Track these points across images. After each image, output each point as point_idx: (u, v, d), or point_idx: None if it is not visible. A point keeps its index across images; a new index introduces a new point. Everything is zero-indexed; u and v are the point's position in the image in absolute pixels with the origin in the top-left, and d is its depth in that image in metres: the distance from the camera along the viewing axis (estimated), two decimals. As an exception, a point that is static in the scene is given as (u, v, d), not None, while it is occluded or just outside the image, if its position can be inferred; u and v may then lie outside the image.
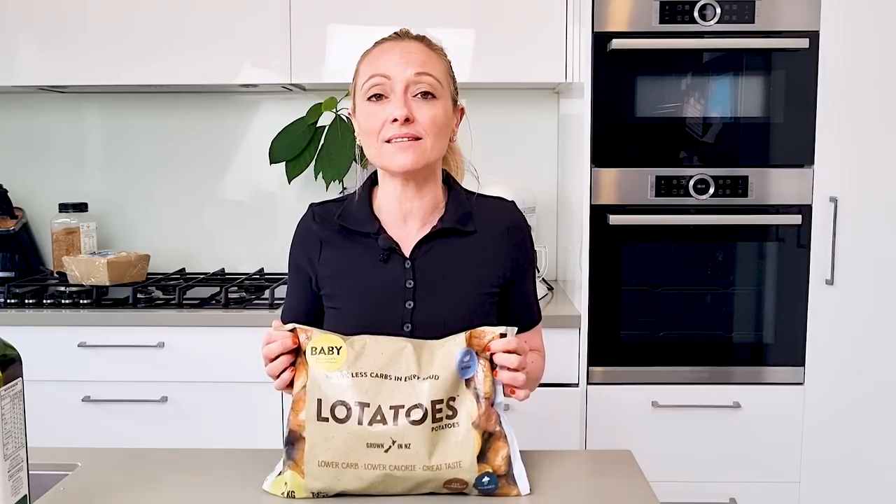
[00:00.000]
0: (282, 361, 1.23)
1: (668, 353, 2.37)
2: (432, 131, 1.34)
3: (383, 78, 1.34)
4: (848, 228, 2.31)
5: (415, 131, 1.33)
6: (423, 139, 1.34)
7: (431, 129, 1.34)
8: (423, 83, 1.34)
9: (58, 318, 2.39)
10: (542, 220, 2.81)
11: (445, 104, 1.37)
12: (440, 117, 1.35)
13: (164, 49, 2.53)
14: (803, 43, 2.26)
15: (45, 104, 2.93)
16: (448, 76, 1.40)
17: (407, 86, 1.34)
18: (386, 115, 1.33)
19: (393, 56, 1.35)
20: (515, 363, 1.22)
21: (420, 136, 1.33)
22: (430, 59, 1.37)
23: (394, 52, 1.36)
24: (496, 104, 2.86)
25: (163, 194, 2.94)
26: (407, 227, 1.42)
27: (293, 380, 1.24)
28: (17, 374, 1.10)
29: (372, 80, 1.35)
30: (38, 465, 1.27)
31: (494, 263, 1.43)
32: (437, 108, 1.35)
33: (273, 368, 1.24)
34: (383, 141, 1.34)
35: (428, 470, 1.19)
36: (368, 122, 1.35)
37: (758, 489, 2.36)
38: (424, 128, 1.34)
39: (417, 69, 1.34)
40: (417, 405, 1.19)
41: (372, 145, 1.37)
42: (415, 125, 1.33)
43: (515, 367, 1.22)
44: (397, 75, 1.34)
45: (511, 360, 1.22)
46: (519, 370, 1.22)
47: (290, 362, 1.24)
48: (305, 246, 1.45)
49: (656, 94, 2.33)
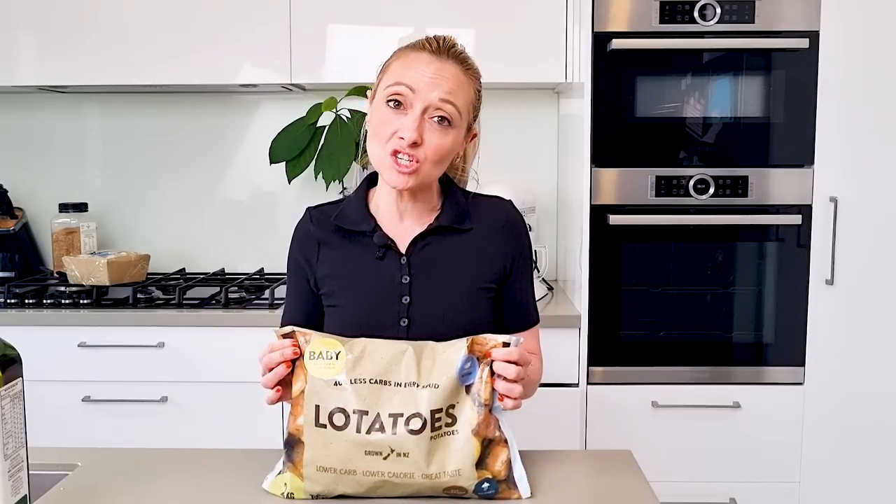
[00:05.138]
0: (278, 372, 1.23)
1: (668, 353, 2.37)
2: (433, 159, 1.34)
3: (408, 89, 1.33)
4: (848, 228, 2.30)
5: (418, 154, 1.33)
6: (423, 164, 1.34)
7: (433, 157, 1.34)
8: (444, 111, 1.34)
9: (58, 318, 2.39)
10: (542, 220, 2.81)
11: (457, 133, 1.37)
12: (446, 147, 1.35)
13: (165, 49, 2.53)
14: (803, 43, 2.26)
15: (45, 104, 2.93)
16: (471, 105, 1.39)
17: (427, 107, 1.33)
18: (397, 127, 1.33)
19: (426, 72, 1.34)
20: (514, 374, 1.21)
21: (420, 161, 1.33)
22: (459, 88, 1.36)
23: (429, 68, 1.34)
24: (496, 104, 2.83)
25: (163, 194, 2.94)
26: (403, 225, 1.43)
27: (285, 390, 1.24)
28: (17, 374, 1.10)
29: (397, 87, 1.34)
30: (38, 465, 1.27)
31: (491, 259, 1.43)
32: (448, 138, 1.35)
33: (269, 380, 1.24)
34: (388, 152, 1.34)
35: (427, 478, 1.18)
36: (380, 125, 1.35)
37: (758, 489, 2.36)
38: (427, 154, 1.33)
39: (443, 95, 1.33)
40: (416, 414, 1.18)
41: (377, 149, 1.36)
42: (420, 149, 1.33)
43: (513, 378, 1.21)
44: (422, 93, 1.33)
45: (509, 370, 1.21)
46: (516, 381, 1.21)
47: (287, 372, 1.23)
48: (303, 247, 1.46)
49: (656, 94, 2.33)
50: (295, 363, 1.23)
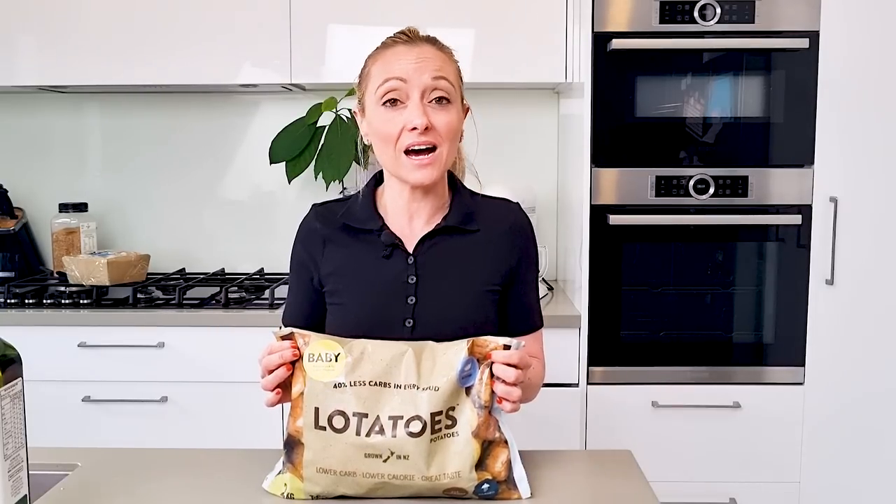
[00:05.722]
0: (278, 375, 1.22)
1: (668, 353, 2.37)
2: (448, 138, 1.34)
3: (400, 82, 1.33)
4: (848, 228, 2.30)
5: (433, 139, 1.33)
6: (440, 147, 1.34)
7: (447, 136, 1.34)
8: (440, 88, 1.34)
9: (58, 318, 2.39)
10: (543, 220, 2.81)
11: (458, 108, 1.38)
12: (454, 123, 1.35)
13: (165, 49, 2.53)
14: (803, 43, 2.26)
15: (45, 104, 2.93)
16: (458, 78, 1.40)
17: (424, 91, 1.33)
18: (404, 121, 1.32)
19: (409, 60, 1.34)
20: (513, 378, 1.20)
21: (437, 143, 1.33)
22: (444, 64, 1.36)
23: (409, 55, 1.34)
24: (496, 104, 2.86)
25: (163, 194, 2.94)
26: (410, 224, 1.42)
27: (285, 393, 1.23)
28: (17, 374, 1.10)
29: (388, 83, 1.34)
30: (38, 465, 1.27)
31: (497, 261, 1.43)
32: (452, 114, 1.35)
33: (268, 382, 1.23)
34: (401, 151, 1.33)
35: (427, 480, 1.18)
36: (385, 127, 1.34)
37: (758, 489, 2.36)
38: (441, 135, 1.34)
39: (434, 73, 1.33)
40: (416, 417, 1.17)
41: (388, 153, 1.36)
42: (433, 133, 1.33)
43: (512, 382, 1.20)
44: (414, 80, 1.33)
45: (509, 373, 1.20)
46: (516, 384, 1.21)
47: (287, 375, 1.22)
48: (308, 244, 1.45)
49: (656, 94, 2.32)
50: (294, 365, 1.23)
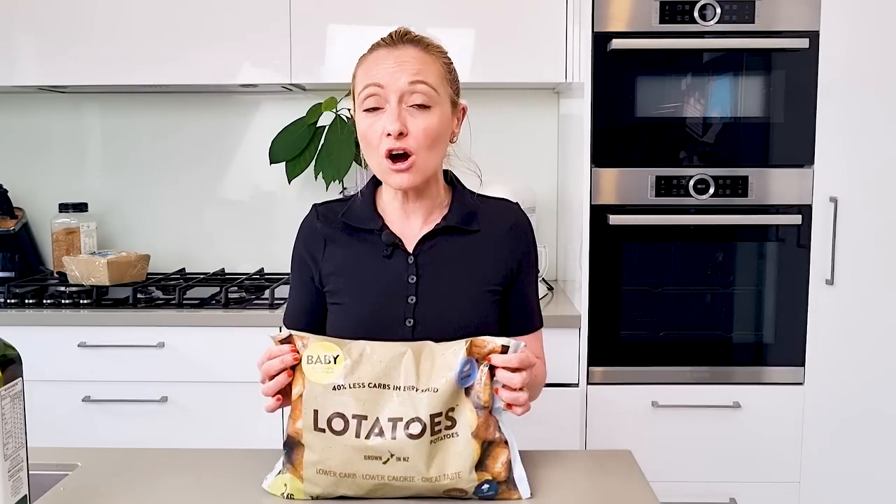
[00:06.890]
0: (279, 381, 1.22)
1: (668, 353, 2.37)
2: (425, 144, 1.34)
3: (377, 87, 1.33)
4: (848, 228, 2.30)
5: (407, 145, 1.33)
6: (415, 154, 1.33)
7: (424, 142, 1.33)
8: (418, 92, 1.33)
9: (58, 318, 2.39)
10: (542, 220, 2.81)
11: (442, 111, 1.36)
12: (433, 128, 1.34)
13: (164, 49, 2.53)
14: (803, 43, 2.26)
15: (45, 104, 2.93)
16: (444, 79, 1.38)
17: (401, 96, 1.33)
18: (381, 126, 1.33)
19: (387, 64, 1.34)
20: (518, 383, 1.19)
21: (410, 150, 1.33)
22: (424, 66, 1.35)
23: (388, 60, 1.34)
24: (496, 104, 2.86)
25: (163, 194, 2.94)
26: (410, 224, 1.42)
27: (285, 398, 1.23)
28: (17, 374, 1.10)
29: (367, 90, 1.34)
30: (38, 465, 1.27)
31: (497, 261, 1.43)
32: (432, 119, 1.34)
33: (269, 388, 1.23)
34: (382, 155, 1.34)
35: (427, 481, 1.18)
36: (367, 133, 1.36)
37: (758, 489, 2.36)
38: (417, 141, 1.33)
39: (411, 78, 1.33)
40: (416, 418, 1.17)
41: (372, 156, 1.37)
42: (408, 138, 1.33)
43: (518, 387, 1.19)
44: (391, 85, 1.33)
45: (514, 379, 1.19)
46: (521, 389, 1.20)
47: (288, 381, 1.22)
48: (309, 244, 1.46)
49: (656, 94, 2.32)
50: (294, 368, 1.22)
